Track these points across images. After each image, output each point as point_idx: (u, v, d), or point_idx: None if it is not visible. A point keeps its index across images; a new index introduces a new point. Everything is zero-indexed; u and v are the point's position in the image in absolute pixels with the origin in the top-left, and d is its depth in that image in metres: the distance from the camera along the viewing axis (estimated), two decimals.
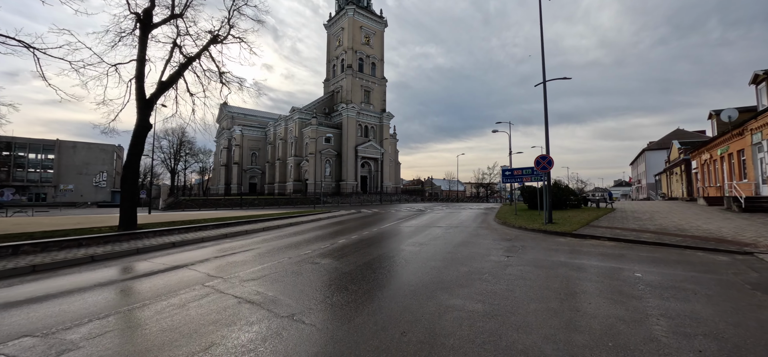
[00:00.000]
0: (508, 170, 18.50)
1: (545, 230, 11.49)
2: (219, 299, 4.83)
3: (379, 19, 63.67)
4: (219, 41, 12.56)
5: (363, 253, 8.26)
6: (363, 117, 59.12)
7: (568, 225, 12.41)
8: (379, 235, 11.75)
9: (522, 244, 9.25)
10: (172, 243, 9.59)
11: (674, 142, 40.28)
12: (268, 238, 11.21)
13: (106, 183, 69.79)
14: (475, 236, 11.15)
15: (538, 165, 12.70)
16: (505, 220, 15.14)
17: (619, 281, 5.44)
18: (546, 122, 13.23)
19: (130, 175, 10.89)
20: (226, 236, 11.52)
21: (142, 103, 11.17)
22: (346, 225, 15.51)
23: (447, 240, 10.29)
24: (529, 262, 6.92)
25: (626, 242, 9.11)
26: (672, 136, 61.71)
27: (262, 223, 15.53)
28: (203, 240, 10.54)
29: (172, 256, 8.32)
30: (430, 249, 8.71)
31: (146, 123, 11.31)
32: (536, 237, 10.69)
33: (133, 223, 10.90)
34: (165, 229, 11.13)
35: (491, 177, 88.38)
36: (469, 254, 7.91)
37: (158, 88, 11.59)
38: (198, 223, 13.07)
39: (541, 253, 7.93)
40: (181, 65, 12.16)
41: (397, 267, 6.70)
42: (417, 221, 16.93)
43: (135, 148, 11.07)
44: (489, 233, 11.84)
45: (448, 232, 12.32)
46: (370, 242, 9.99)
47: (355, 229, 13.42)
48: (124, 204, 10.79)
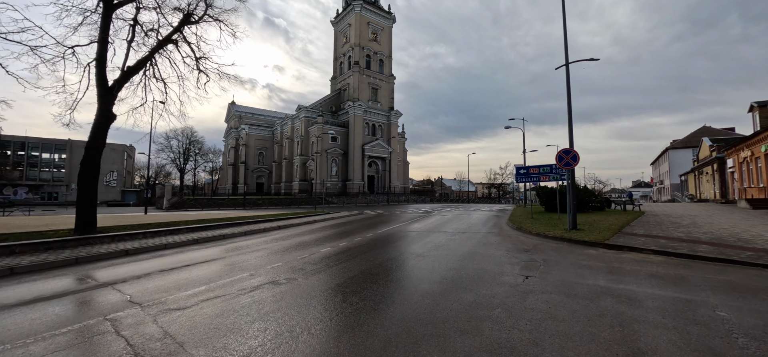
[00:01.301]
0: (522, 169, 16.58)
1: (570, 239, 9.61)
2: (96, 351, 3.27)
3: (387, 15, 61.99)
4: (193, 22, 11.15)
5: (343, 267, 6.62)
6: (370, 115, 57.53)
7: (596, 232, 10.49)
8: (373, 242, 10.10)
9: (543, 258, 7.44)
10: (126, 250, 8.18)
11: (704, 139, 37.22)
12: (242, 246, 9.71)
13: (117, 182, 70.42)
14: (484, 245, 9.38)
15: (560, 161, 10.81)
16: (520, 225, 13.27)
17: (699, 326, 3.64)
18: (569, 110, 11.34)
19: (87, 172, 9.56)
20: (198, 242, 10.08)
21: (104, 89, 9.84)
22: (341, 229, 13.92)
23: (451, 250, 8.56)
24: (557, 288, 5.15)
25: (680, 257, 7.19)
26: (698, 133, 58.01)
27: (248, 225, 14.10)
28: (166, 247, 9.12)
29: (115, 268, 6.88)
30: (429, 263, 7.01)
31: (108, 113, 9.97)
32: (560, 247, 8.84)
33: (91, 226, 9.58)
34: (128, 234, 9.77)
35: (503, 177, 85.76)
36: (477, 272, 6.18)
37: (123, 75, 10.25)
38: (174, 227, 11.71)
39: (570, 272, 6.13)
40: (152, 49, 10.80)
41: (381, 292, 5.04)
42: (421, 225, 15.21)
43: (95, 141, 9.75)
44: (502, 241, 10.04)
45: (454, 238, 10.58)
46: (358, 252, 8.35)
47: (348, 235, 11.81)
48: (81, 204, 9.47)
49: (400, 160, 63.58)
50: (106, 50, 9.97)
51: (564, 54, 11.83)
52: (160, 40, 10.82)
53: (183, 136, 75.68)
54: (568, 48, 11.79)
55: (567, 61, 11.79)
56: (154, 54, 10.91)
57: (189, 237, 10.36)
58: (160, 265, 6.99)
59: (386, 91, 60.62)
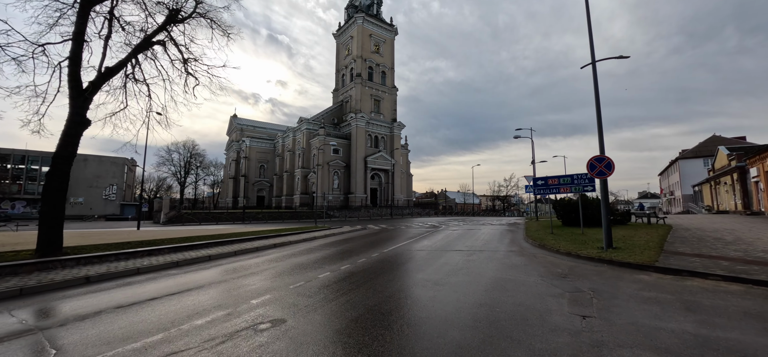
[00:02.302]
0: (539, 180, 15.27)
1: (611, 260, 8.22)
2: None
3: (390, 27, 61.84)
4: (180, 20, 10.13)
5: (345, 301, 5.29)
6: (373, 127, 56.64)
7: (636, 251, 9.10)
8: (379, 265, 8.77)
9: (590, 287, 6.08)
10: (87, 277, 6.89)
11: (721, 148, 35.80)
12: (229, 270, 8.40)
13: (116, 196, 69.48)
14: (510, 268, 8.02)
15: (591, 169, 9.50)
16: (542, 242, 11.88)
17: None
18: (598, 112, 10.10)
19: (53, 185, 8.36)
20: (178, 265, 8.78)
21: (77, 92, 8.73)
22: (343, 247, 12.59)
23: (473, 274, 7.22)
24: (634, 336, 3.80)
25: (761, 285, 5.81)
26: (709, 143, 56.61)
27: (241, 243, 12.79)
28: (138, 272, 7.82)
29: (63, 302, 5.58)
30: (450, 295, 5.67)
31: (81, 118, 8.84)
32: (602, 271, 7.46)
33: (55, 248, 8.31)
34: (97, 256, 8.49)
35: (508, 189, 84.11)
36: (516, 309, 4.83)
37: (99, 76, 9.15)
38: (154, 247, 10.42)
39: (637, 310, 4.77)
40: (134, 49, 9.74)
41: (396, 345, 3.71)
42: (430, 241, 13.84)
43: (64, 150, 8.57)
44: (528, 263, 8.67)
45: (472, 259, 9.22)
46: (363, 279, 7.02)
47: (350, 255, 10.48)
48: (44, 223, 8.23)
49: (403, 173, 62.35)
50: (82, 49, 8.91)
51: (590, 52, 10.69)
52: (144, 38, 9.78)
53: (184, 149, 75.18)
54: (594, 45, 10.66)
55: (593, 59, 10.64)
56: (136, 54, 9.86)
57: (169, 259, 9.06)
58: (119, 300, 5.69)
59: (389, 103, 59.90)
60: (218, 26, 10.91)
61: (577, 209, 18.08)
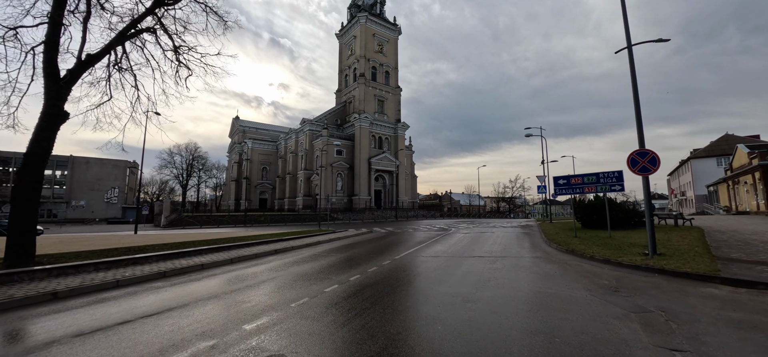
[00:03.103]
0: (561, 179, 14.14)
1: (662, 269, 7.10)
2: None
3: (393, 27, 60.91)
4: (170, 2, 9.16)
5: (359, 327, 4.23)
6: (376, 127, 55.62)
7: (687, 258, 7.97)
8: (393, 275, 7.71)
9: (657, 305, 4.98)
10: (55, 293, 5.88)
11: (739, 146, 34.41)
12: (222, 282, 7.38)
13: (118, 199, 68.89)
14: (545, 278, 6.93)
15: (633, 165, 8.39)
16: (569, 246, 10.77)
17: None
18: (636, 100, 8.99)
19: (24, 186, 7.38)
20: (165, 275, 7.77)
21: (53, 80, 7.76)
22: (350, 253, 11.54)
23: (505, 287, 6.14)
24: None
25: None
26: (721, 142, 55.14)
27: (240, 249, 11.78)
28: (117, 285, 6.81)
29: (16, 324, 4.58)
30: (488, 316, 4.60)
31: (58, 110, 7.87)
32: (658, 284, 6.34)
33: (26, 257, 7.32)
34: (73, 266, 7.49)
35: (514, 190, 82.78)
36: (577, 337, 3.75)
37: (79, 64, 8.17)
38: (140, 254, 9.43)
39: (738, 341, 3.67)
40: (119, 34, 8.78)
41: None
42: (444, 246, 12.76)
43: (37, 146, 7.59)
44: (562, 271, 7.57)
45: (497, 267, 8.13)
46: (377, 294, 5.96)
47: (359, 262, 9.43)
48: (14, 228, 7.24)
49: (407, 174, 61.26)
50: (59, 32, 7.97)
51: (625, 36, 9.61)
52: (131, 21, 8.81)
53: (186, 152, 74.61)
54: (629, 29, 9.58)
55: (629, 43, 9.55)
56: (123, 41, 8.90)
57: (155, 269, 8.04)
58: (82, 324, 4.67)
59: (393, 103, 58.91)
60: (213, 12, 9.96)
61: (597, 210, 16.96)
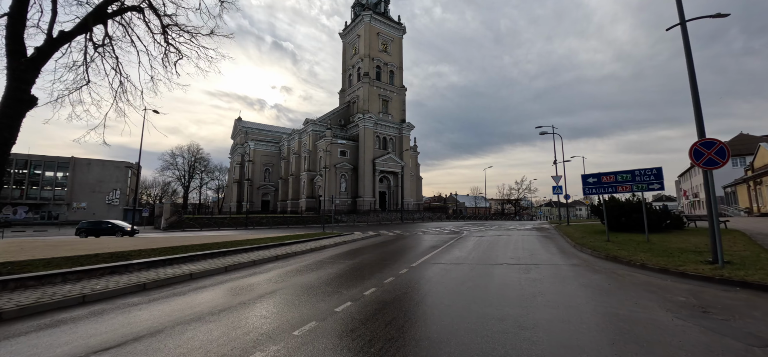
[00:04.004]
0: (591, 177, 12.84)
1: (745, 281, 5.80)
2: None
3: (397, 26, 59.85)
4: None
5: None
6: (381, 128, 54.44)
7: (756, 266, 6.68)
8: (416, 289, 6.47)
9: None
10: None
11: (762, 145, 32.87)
12: (209, 300, 6.20)
13: (119, 201, 68.12)
14: (601, 293, 5.67)
15: (697, 157, 7.11)
16: (608, 252, 9.48)
17: None
18: (693, 82, 7.71)
19: None
20: (145, 288, 6.60)
21: (17, 60, 6.65)
22: (359, 260, 10.32)
23: (560, 306, 4.88)
24: None
25: None
26: (736, 142, 53.46)
27: (237, 254, 10.60)
28: (83, 302, 5.64)
29: None
30: (562, 353, 3.36)
31: (24, 94, 6.75)
32: (751, 300, 5.05)
33: None
34: (41, 276, 6.34)
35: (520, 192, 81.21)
36: None
37: (49, 41, 7.06)
38: (125, 261, 8.28)
39: None
40: (97, 8, 7.65)
41: None
42: (462, 252, 11.50)
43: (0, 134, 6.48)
44: (615, 284, 6.30)
45: (534, 278, 6.87)
46: (401, 319, 4.73)
47: (372, 272, 8.20)
48: None
49: (412, 175, 59.97)
50: (27, 4, 6.87)
51: (678, 12, 8.34)
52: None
53: (188, 153, 73.93)
54: (682, 5, 8.32)
55: (682, 18, 8.29)
56: (104, 18, 7.77)
57: (134, 280, 6.87)
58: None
59: (397, 103, 57.75)
60: None
61: (626, 212, 15.64)
